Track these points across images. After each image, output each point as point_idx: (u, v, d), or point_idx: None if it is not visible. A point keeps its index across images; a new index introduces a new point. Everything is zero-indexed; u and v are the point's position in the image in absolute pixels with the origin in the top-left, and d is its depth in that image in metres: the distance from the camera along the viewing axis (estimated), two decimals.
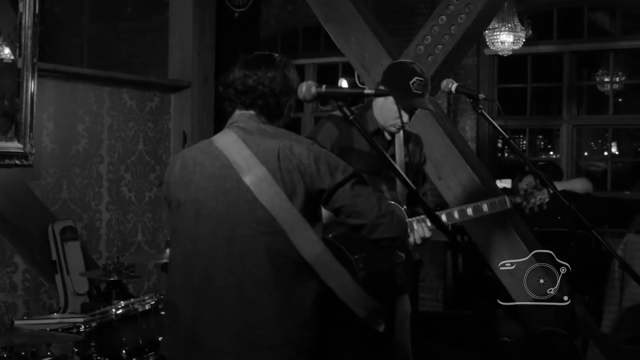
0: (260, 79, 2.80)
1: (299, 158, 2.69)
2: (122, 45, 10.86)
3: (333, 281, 2.68)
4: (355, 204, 2.74)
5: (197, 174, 2.77)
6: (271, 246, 2.65)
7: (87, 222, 6.13)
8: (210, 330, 2.68)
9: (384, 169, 3.72)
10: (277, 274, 2.64)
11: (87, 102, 6.13)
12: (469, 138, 8.76)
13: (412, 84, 3.59)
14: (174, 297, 2.81)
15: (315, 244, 2.68)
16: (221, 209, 2.71)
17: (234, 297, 2.65)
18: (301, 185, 2.68)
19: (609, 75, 8.87)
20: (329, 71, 10.10)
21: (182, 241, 2.79)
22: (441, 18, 5.45)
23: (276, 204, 2.64)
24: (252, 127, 2.79)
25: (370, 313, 2.73)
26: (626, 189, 8.96)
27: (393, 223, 2.82)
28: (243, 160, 2.70)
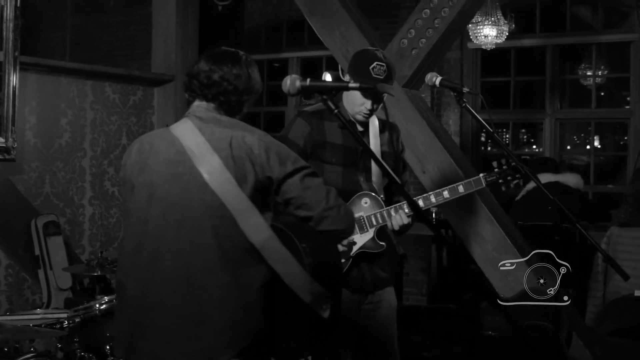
0: (226, 75, 2.88)
1: (250, 147, 2.78)
2: (105, 38, 10.81)
3: (279, 266, 2.78)
4: (304, 196, 2.83)
5: (152, 158, 2.87)
6: (219, 230, 2.73)
7: (70, 217, 6.10)
8: (156, 311, 2.74)
9: (359, 160, 3.73)
10: (225, 257, 2.73)
11: (69, 96, 6.09)
12: (452, 132, 8.77)
13: (372, 69, 3.59)
14: (123, 277, 2.89)
15: (263, 229, 2.77)
16: (173, 192, 2.79)
17: (181, 279, 2.73)
18: (251, 173, 2.76)
19: (592, 69, 8.90)
20: (312, 65, 10.09)
21: (134, 222, 2.87)
22: (425, 12, 5.43)
23: (226, 189, 2.74)
24: (209, 116, 2.88)
25: (315, 298, 2.82)
26: (609, 182, 9.01)
27: (339, 216, 2.90)
28: (197, 147, 2.79)
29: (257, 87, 2.97)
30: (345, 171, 3.71)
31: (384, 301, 3.83)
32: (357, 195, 3.67)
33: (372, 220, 3.66)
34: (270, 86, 10.47)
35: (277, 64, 10.56)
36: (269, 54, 10.41)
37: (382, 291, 3.82)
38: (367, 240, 3.67)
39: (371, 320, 3.80)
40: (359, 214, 3.65)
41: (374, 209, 3.67)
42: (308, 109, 3.76)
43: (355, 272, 3.69)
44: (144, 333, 2.76)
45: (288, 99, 9.98)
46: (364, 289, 3.74)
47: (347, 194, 3.65)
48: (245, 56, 2.98)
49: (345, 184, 3.69)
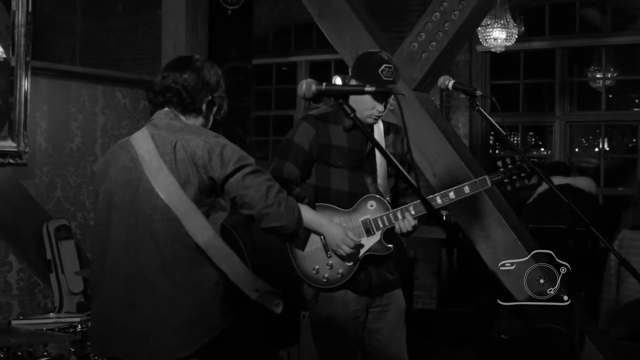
0: (176, 79, 3.02)
1: (193, 150, 2.88)
2: (112, 43, 10.82)
3: (224, 264, 2.88)
4: (244, 195, 2.90)
5: (112, 167, 3.02)
6: (167, 232, 2.86)
7: (82, 221, 6.12)
8: (120, 312, 2.88)
9: (365, 163, 3.73)
10: (174, 258, 2.85)
11: (80, 101, 6.12)
12: (461, 135, 8.76)
13: (382, 72, 3.59)
14: (94, 281, 3.04)
15: (205, 230, 2.87)
16: (127, 198, 2.93)
17: (138, 281, 2.86)
18: (195, 175, 2.87)
19: (601, 72, 8.89)
20: (321, 68, 10.08)
21: (99, 229, 3.02)
22: (435, 15, 5.43)
23: (170, 192, 2.86)
24: (163, 123, 3.01)
25: (261, 295, 2.92)
26: (618, 185, 8.99)
27: (279, 212, 2.92)
28: (147, 153, 2.93)
29: (211, 83, 3.08)
30: (351, 174, 3.71)
31: (393, 304, 3.83)
32: (363, 198, 3.67)
33: (378, 223, 3.65)
34: (278, 90, 10.48)
35: (286, 67, 10.55)
36: (277, 58, 10.41)
37: (391, 294, 3.82)
38: (374, 243, 3.67)
39: (380, 323, 3.80)
40: (365, 216, 3.66)
41: (380, 212, 3.67)
42: (313, 113, 3.77)
43: (362, 275, 3.69)
44: (112, 333, 2.90)
45: (297, 102, 9.98)
46: (372, 292, 3.74)
47: (354, 196, 3.67)
48: (198, 58, 3.11)
49: (351, 186, 3.69)
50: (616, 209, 8.37)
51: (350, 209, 3.67)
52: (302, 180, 3.71)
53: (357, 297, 3.68)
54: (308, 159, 3.69)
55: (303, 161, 3.69)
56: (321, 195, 3.70)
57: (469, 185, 3.71)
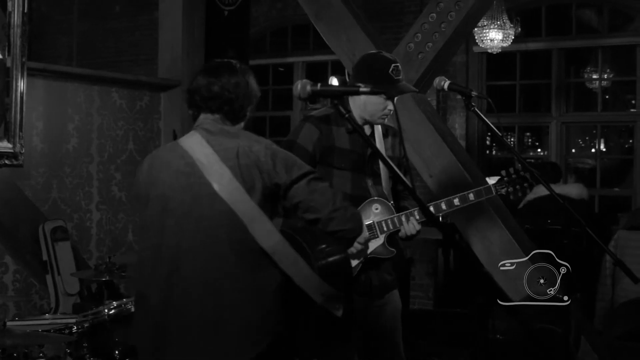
0: (225, 86, 3.00)
1: (257, 156, 2.89)
2: (110, 44, 10.82)
3: (290, 268, 2.88)
4: (311, 200, 2.92)
5: (164, 172, 2.96)
6: (232, 237, 2.84)
7: (78, 222, 6.12)
8: (178, 318, 2.84)
9: (367, 165, 3.73)
10: (239, 262, 2.84)
11: (76, 101, 6.11)
12: (458, 135, 8.76)
13: (392, 72, 3.60)
14: (143, 288, 2.98)
15: (272, 234, 2.88)
16: (185, 203, 2.89)
17: (199, 286, 2.83)
18: (259, 181, 2.87)
19: (597, 72, 8.90)
20: (318, 69, 10.09)
21: (151, 235, 2.96)
22: (431, 16, 5.44)
23: (235, 197, 2.84)
24: (216, 128, 3.00)
25: (326, 299, 2.93)
26: (615, 185, 9.00)
27: (346, 216, 3.00)
28: (205, 158, 2.90)
29: (255, 92, 3.11)
30: (353, 176, 3.70)
31: (389, 304, 3.83)
32: (367, 201, 3.66)
33: (382, 227, 3.65)
34: (275, 90, 10.48)
35: (282, 68, 10.55)
36: (274, 59, 10.41)
37: (388, 294, 3.82)
38: (378, 246, 3.67)
39: (376, 323, 3.80)
40: (369, 220, 3.65)
41: (385, 215, 3.66)
42: (315, 114, 3.75)
43: (363, 277, 3.68)
44: (168, 340, 2.85)
45: (293, 103, 9.98)
46: (372, 294, 3.74)
47: (356, 199, 3.65)
48: (239, 65, 3.10)
49: (354, 189, 3.68)
50: (612, 210, 8.40)
51: None
52: None
53: (356, 298, 3.69)
54: (311, 161, 3.66)
55: (306, 162, 3.68)
56: None
57: (474, 193, 3.72)
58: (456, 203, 3.73)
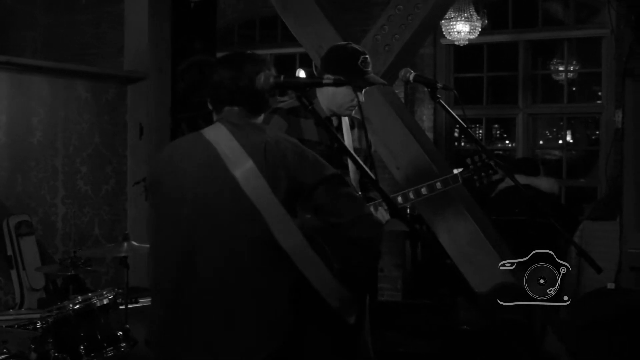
0: (252, 77, 2.86)
1: (284, 153, 2.79)
2: (75, 36, 10.70)
3: (309, 271, 2.79)
4: (337, 203, 2.82)
5: (185, 163, 2.87)
6: (252, 234, 2.75)
7: (43, 216, 6.06)
8: (189, 312, 2.77)
9: (335, 157, 3.73)
10: (256, 260, 2.75)
11: (41, 95, 6.05)
12: (426, 127, 8.78)
13: (361, 63, 3.61)
14: (157, 278, 2.90)
15: (294, 235, 2.78)
16: (206, 196, 2.80)
17: (214, 281, 2.75)
18: (284, 179, 2.77)
19: (564, 64, 8.96)
20: (286, 62, 10.07)
21: (164, 225, 2.88)
22: (398, 8, 5.45)
23: (260, 194, 2.75)
24: (242, 122, 2.89)
25: (342, 304, 2.85)
26: (581, 177, 9.08)
27: (370, 223, 2.91)
28: (231, 152, 2.80)
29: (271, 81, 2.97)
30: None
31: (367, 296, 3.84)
32: None
33: None
34: None
35: None
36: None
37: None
38: None
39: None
40: None
41: None
42: (284, 106, 3.75)
43: None
44: (178, 334, 2.79)
45: None
46: None
47: None
48: (259, 56, 2.99)
49: None
50: (578, 201, 8.47)
51: None
52: None
53: None
54: None
55: None
56: None
57: (440, 181, 3.74)
58: (424, 192, 3.75)
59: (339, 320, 2.91)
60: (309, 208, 2.88)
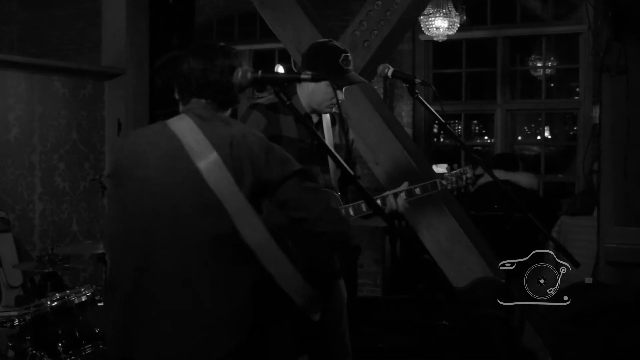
0: (223, 72, 2.83)
1: (250, 147, 2.75)
2: (53, 32, 10.64)
3: (273, 267, 2.74)
4: (302, 198, 2.81)
5: (149, 153, 2.80)
6: (214, 228, 2.70)
7: (20, 213, 6.02)
8: (149, 307, 2.71)
9: (315, 154, 3.73)
10: (218, 255, 2.70)
11: (17, 90, 6.00)
12: (405, 123, 8.81)
13: (342, 62, 3.61)
14: (114, 273, 2.84)
15: (259, 230, 2.74)
16: (168, 188, 2.75)
17: (174, 276, 2.70)
18: (249, 174, 2.73)
19: (542, 60, 9.01)
20: (265, 58, 10.06)
21: (127, 218, 2.80)
22: (377, 4, 5.46)
23: (224, 188, 2.70)
24: (209, 114, 2.83)
25: (307, 300, 2.81)
26: (559, 172, 9.13)
27: (337, 217, 2.90)
28: (196, 144, 2.75)
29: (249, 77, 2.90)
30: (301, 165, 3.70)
31: (334, 293, 3.84)
32: None
33: None
34: None
35: None
36: None
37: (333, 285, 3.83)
38: None
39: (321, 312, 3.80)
40: None
41: None
42: (263, 102, 3.74)
43: None
44: (138, 330, 2.72)
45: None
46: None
47: None
48: (231, 48, 2.94)
49: None
50: (556, 196, 8.53)
51: None
52: None
53: None
54: None
55: None
56: None
57: (420, 187, 3.75)
58: (403, 197, 3.76)
59: (304, 318, 2.87)
60: (275, 204, 2.84)
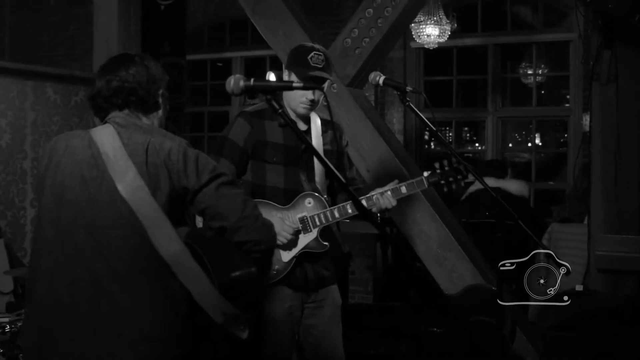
0: (124, 77, 2.77)
1: (167, 153, 2.68)
2: (44, 38, 10.64)
3: (190, 283, 2.63)
4: (218, 205, 2.72)
5: (66, 159, 2.74)
6: (129, 240, 2.61)
7: (12, 220, 6.01)
8: (67, 321, 2.60)
9: (301, 159, 3.74)
10: (135, 268, 2.60)
11: (9, 97, 6.00)
12: (396, 130, 8.83)
13: (311, 58, 3.64)
14: (33, 282, 2.73)
15: (173, 242, 2.63)
16: (84, 197, 2.67)
17: (92, 289, 2.59)
18: (166, 181, 2.66)
19: (532, 68, 9.04)
20: (256, 64, 10.07)
21: (44, 225, 2.73)
22: (368, 11, 5.47)
23: (137, 197, 2.62)
24: (128, 122, 2.77)
25: (228, 318, 2.67)
26: (550, 179, 9.16)
27: (256, 226, 2.77)
28: (112, 151, 2.67)
29: (160, 75, 2.87)
30: (287, 170, 3.72)
31: (328, 299, 3.85)
32: (300, 195, 3.68)
33: (315, 221, 3.68)
34: (213, 86, 10.43)
35: (221, 63, 10.51)
36: (212, 54, 10.36)
37: (326, 289, 3.84)
38: (311, 241, 3.69)
39: (315, 319, 3.82)
40: (302, 214, 3.67)
41: (318, 209, 3.68)
42: (249, 109, 3.78)
43: (298, 272, 3.70)
44: (55, 344, 2.62)
45: (232, 98, 9.93)
46: (307, 288, 3.76)
47: (290, 193, 3.68)
48: (136, 53, 2.90)
49: (287, 183, 3.71)
50: (547, 203, 8.55)
51: (288, 205, 3.69)
52: (237, 176, 3.71)
53: (293, 292, 3.70)
54: (243, 156, 3.69)
55: (238, 158, 3.69)
56: (257, 191, 3.70)
57: (406, 185, 3.75)
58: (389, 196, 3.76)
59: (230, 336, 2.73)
60: (196, 212, 2.77)
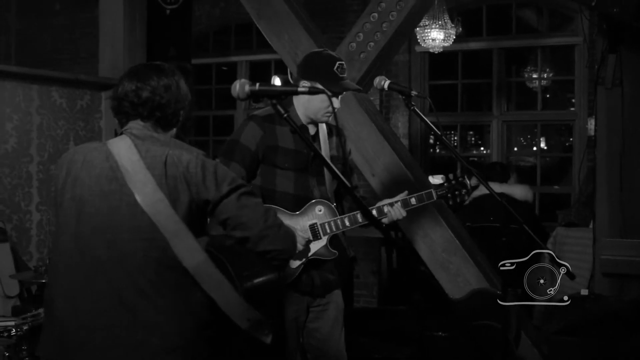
0: (156, 90, 2.78)
1: (186, 166, 2.68)
2: (49, 42, 10.66)
3: (214, 291, 2.67)
4: (241, 216, 2.74)
5: (84, 172, 2.74)
6: (151, 252, 2.62)
7: (17, 223, 6.02)
8: (88, 333, 2.61)
9: (311, 165, 3.74)
10: (157, 280, 2.62)
11: (15, 101, 6.01)
12: (401, 134, 8.83)
13: (337, 69, 3.63)
14: (52, 295, 2.74)
15: (196, 253, 2.66)
16: (103, 210, 2.68)
17: (114, 301, 2.61)
18: (186, 193, 2.67)
19: (537, 72, 9.04)
20: (261, 68, 10.07)
21: (64, 238, 2.73)
22: (373, 15, 5.48)
23: (158, 210, 2.63)
24: (145, 134, 2.78)
25: (252, 324, 2.73)
26: (555, 183, 9.15)
27: (279, 235, 2.81)
28: (131, 164, 2.68)
29: (187, 94, 2.88)
30: (297, 176, 3.71)
31: (332, 303, 3.85)
32: (311, 202, 3.68)
33: (325, 228, 3.67)
34: (218, 90, 10.44)
35: (226, 67, 10.51)
36: (217, 58, 10.36)
37: (330, 293, 3.84)
38: (320, 248, 3.68)
39: (319, 322, 3.82)
40: (313, 221, 3.67)
41: (328, 217, 3.68)
42: (259, 113, 3.74)
43: (305, 277, 3.70)
44: (75, 356, 2.63)
45: (237, 102, 9.94)
46: (314, 293, 3.76)
47: (300, 199, 3.67)
48: (169, 66, 2.90)
49: (297, 189, 3.70)
50: (552, 207, 8.54)
51: (298, 212, 3.67)
52: (247, 181, 3.69)
53: (299, 296, 3.70)
54: (254, 160, 3.67)
55: (249, 162, 3.66)
56: (266, 196, 3.67)
57: (415, 197, 3.76)
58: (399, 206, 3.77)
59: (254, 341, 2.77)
60: (217, 223, 2.78)
